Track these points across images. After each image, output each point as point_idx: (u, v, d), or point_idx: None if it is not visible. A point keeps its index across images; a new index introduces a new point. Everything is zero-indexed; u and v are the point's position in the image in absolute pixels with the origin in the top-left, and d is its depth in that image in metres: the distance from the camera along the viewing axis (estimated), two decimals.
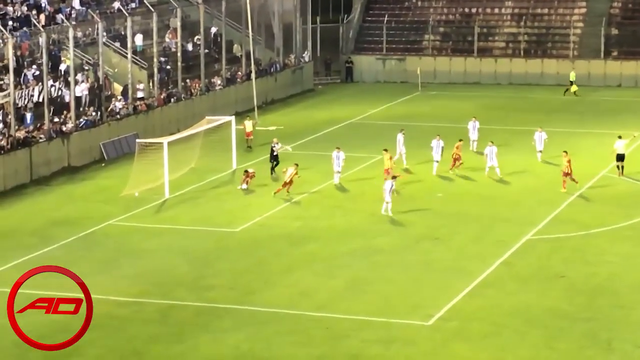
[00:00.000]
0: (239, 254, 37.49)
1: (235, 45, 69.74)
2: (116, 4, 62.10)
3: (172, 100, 60.14)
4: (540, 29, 77.48)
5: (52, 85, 53.36)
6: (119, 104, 56.20)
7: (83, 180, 49.73)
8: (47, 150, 50.15)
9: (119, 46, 59.95)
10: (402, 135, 49.82)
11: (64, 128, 51.66)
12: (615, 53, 74.51)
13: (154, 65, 59.32)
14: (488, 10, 78.85)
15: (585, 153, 52.17)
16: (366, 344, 28.85)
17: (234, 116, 53.23)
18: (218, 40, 67.79)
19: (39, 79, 52.45)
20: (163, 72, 61.53)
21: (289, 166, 45.06)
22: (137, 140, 48.71)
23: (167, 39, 64.84)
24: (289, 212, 42.82)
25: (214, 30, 68.38)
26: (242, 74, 67.10)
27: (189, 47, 65.37)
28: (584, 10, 76.96)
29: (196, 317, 31.17)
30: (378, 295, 32.89)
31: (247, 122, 54.80)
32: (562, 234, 39.26)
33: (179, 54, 61.46)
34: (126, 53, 57.79)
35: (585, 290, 33.06)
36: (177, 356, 28.28)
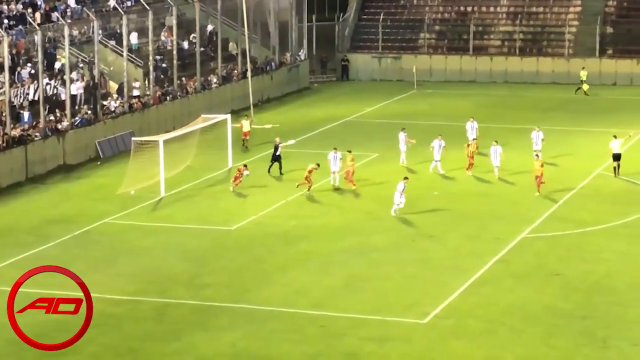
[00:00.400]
0: (235, 252, 37.47)
1: (231, 44, 69.70)
2: (112, 2, 62.03)
3: (168, 98, 60.10)
4: (535, 28, 77.53)
5: (48, 84, 53.32)
6: (114, 102, 56.15)
7: (79, 178, 49.68)
8: (42, 148, 50.10)
9: (114, 44, 59.91)
10: (403, 134, 49.68)
11: (59, 126, 51.60)
12: (610, 51, 74.56)
13: (149, 64, 59.27)
14: (483, 9, 78.87)
15: (581, 151, 52.24)
16: (362, 341, 28.84)
17: (229, 114, 53.18)
18: (214, 38, 67.75)
19: (34, 77, 52.40)
20: (159, 70, 61.47)
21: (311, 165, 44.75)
22: (133, 139, 48.68)
23: (162, 37, 64.79)
24: (285, 211, 42.80)
25: (209, 28, 68.36)
26: (238, 72, 67.07)
27: (184, 45, 65.32)
28: (579, 9, 77.01)
29: (192, 315, 31.15)
30: (374, 293, 32.88)
31: (244, 122, 54.62)
32: (559, 231, 39.27)
33: (174, 52, 61.41)
34: (122, 51, 57.74)
35: (581, 288, 33.07)
36: (173, 354, 28.25)
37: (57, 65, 55.20)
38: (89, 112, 53.94)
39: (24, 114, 50.90)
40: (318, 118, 62.58)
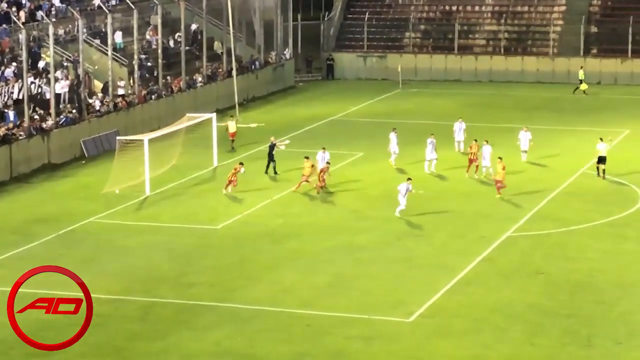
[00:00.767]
0: (221, 251, 37.46)
1: (216, 43, 69.64)
2: (96, 1, 61.86)
3: (153, 97, 60.01)
4: (520, 27, 77.68)
5: (32, 83, 53.18)
6: (99, 101, 56.04)
7: (63, 177, 49.58)
8: (27, 147, 49.96)
9: (99, 43, 59.81)
10: (394, 135, 49.43)
11: (44, 125, 51.47)
12: (594, 51, 74.77)
13: (134, 63, 59.19)
14: (468, 8, 78.98)
15: (566, 150, 52.37)
16: (348, 340, 28.88)
17: (215, 113, 53.12)
18: (198, 37, 67.70)
19: (19, 76, 52.24)
20: (144, 69, 61.38)
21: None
22: (118, 138, 48.59)
23: (147, 36, 64.71)
24: (271, 210, 42.79)
25: (194, 27, 68.26)
26: (223, 71, 67.02)
27: (169, 44, 65.24)
28: (563, 8, 77.20)
29: (178, 315, 31.14)
30: (360, 292, 32.92)
31: (230, 123, 54.21)
32: (543, 230, 39.40)
33: (159, 51, 61.32)
34: (106, 50, 57.62)
35: (566, 287, 33.18)
36: (159, 353, 28.24)
37: (42, 64, 55.05)
38: (74, 111, 53.82)
39: (9, 113, 50.75)
40: (303, 117, 62.59)
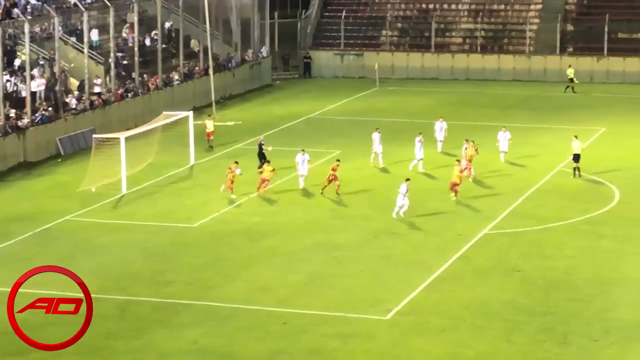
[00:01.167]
0: (198, 250, 37.39)
1: (193, 41, 69.52)
2: None
3: (130, 95, 59.84)
4: (496, 25, 77.95)
5: (8, 81, 52.94)
6: (75, 99, 55.82)
7: (39, 175, 49.38)
8: (2, 145, 49.73)
9: (75, 41, 59.59)
10: (378, 134, 49.13)
11: (19, 123, 51.23)
12: (570, 49, 75.08)
13: (110, 60, 59.01)
14: (445, 6, 79.18)
15: (542, 148, 52.55)
16: (325, 338, 28.88)
17: (191, 111, 53.05)
18: (173, 35, 67.57)
19: None
20: (120, 67, 61.20)
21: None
22: (94, 136, 48.46)
23: (124, 34, 64.50)
24: (248, 208, 42.74)
25: (167, 25, 67.99)
26: (199, 69, 66.91)
27: (146, 42, 65.06)
28: (540, 6, 77.51)
29: (154, 313, 31.07)
30: (337, 290, 32.93)
31: (207, 122, 53.93)
32: (520, 228, 39.50)
33: (136, 49, 61.16)
34: (83, 48, 57.42)
35: (542, 284, 33.29)
36: (135, 351, 28.17)
37: (18, 62, 54.80)
38: (50, 109, 53.59)
39: None
40: (280, 115, 62.56)
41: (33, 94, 53.43)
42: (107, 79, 59.51)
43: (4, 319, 22.31)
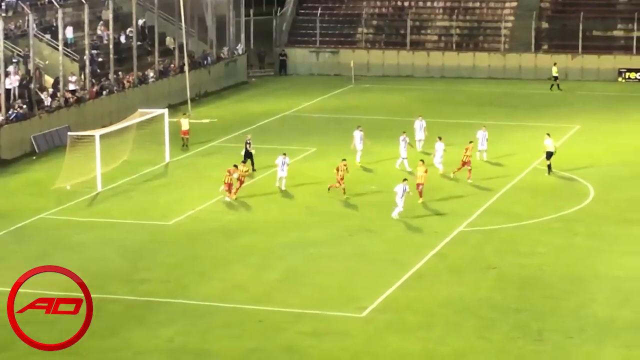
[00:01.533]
0: (173, 247, 37.34)
1: (168, 38, 69.39)
2: None
3: (105, 92, 59.65)
4: (472, 23, 78.16)
5: None
6: (50, 96, 55.60)
7: (14, 173, 49.17)
8: None
9: (50, 38, 59.35)
10: (359, 132, 48.93)
11: None
12: (545, 46, 75.40)
13: (85, 58, 58.81)
14: (420, 4, 79.32)
15: (517, 145, 52.74)
16: (300, 336, 28.93)
17: (167, 109, 52.91)
18: (146, 31, 67.39)
19: None
20: (95, 65, 60.99)
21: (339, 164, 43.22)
22: (69, 133, 48.29)
23: (99, 31, 64.29)
24: (223, 206, 42.71)
25: (142, 22, 67.85)
26: (175, 66, 66.77)
27: (121, 39, 64.86)
28: (514, 4, 77.76)
29: (130, 311, 31.02)
30: (312, 287, 32.97)
31: (183, 120, 53.50)
32: (494, 225, 39.65)
33: (111, 46, 60.96)
34: (57, 45, 57.19)
35: (516, 281, 33.44)
36: (111, 350, 28.11)
37: None
38: (24, 106, 53.36)
39: None
40: (256, 112, 62.51)
41: (7, 91, 53.19)
42: (82, 77, 59.31)
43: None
